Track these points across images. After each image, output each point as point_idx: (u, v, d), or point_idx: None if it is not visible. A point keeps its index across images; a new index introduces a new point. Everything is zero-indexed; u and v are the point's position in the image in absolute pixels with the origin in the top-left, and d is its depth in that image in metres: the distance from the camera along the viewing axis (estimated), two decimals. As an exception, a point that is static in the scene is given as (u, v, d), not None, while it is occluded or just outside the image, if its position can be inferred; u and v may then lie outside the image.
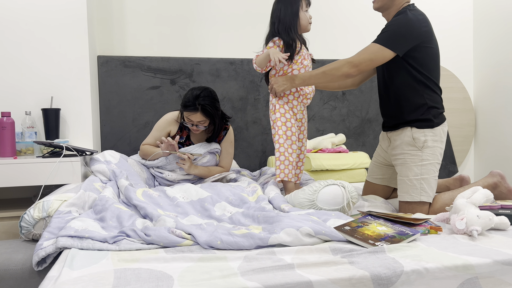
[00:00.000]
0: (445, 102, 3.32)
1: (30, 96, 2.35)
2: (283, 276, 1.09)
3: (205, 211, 1.71)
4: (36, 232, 1.61)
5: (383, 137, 2.13)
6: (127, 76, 2.78)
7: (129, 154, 2.59)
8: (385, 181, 2.17)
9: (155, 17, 2.92)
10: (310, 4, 2.06)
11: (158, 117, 2.76)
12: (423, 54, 1.87)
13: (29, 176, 1.99)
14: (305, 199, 1.78)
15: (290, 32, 1.98)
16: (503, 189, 1.96)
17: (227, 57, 2.95)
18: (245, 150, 2.96)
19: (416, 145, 1.89)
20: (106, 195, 1.72)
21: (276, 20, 2.00)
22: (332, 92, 3.08)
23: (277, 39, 1.99)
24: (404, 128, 1.94)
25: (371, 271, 1.12)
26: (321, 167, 2.66)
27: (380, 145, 2.17)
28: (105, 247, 1.33)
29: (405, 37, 1.83)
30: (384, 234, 1.39)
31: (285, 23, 1.98)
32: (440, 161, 1.92)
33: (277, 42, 1.99)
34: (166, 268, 1.17)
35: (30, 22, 2.33)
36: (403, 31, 1.83)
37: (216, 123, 2.16)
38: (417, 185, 1.88)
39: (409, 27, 1.83)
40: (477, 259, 1.20)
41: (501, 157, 3.19)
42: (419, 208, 1.88)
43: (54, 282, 1.08)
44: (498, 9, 3.18)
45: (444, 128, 1.93)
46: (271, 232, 1.39)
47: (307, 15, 2.03)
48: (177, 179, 2.20)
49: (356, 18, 3.24)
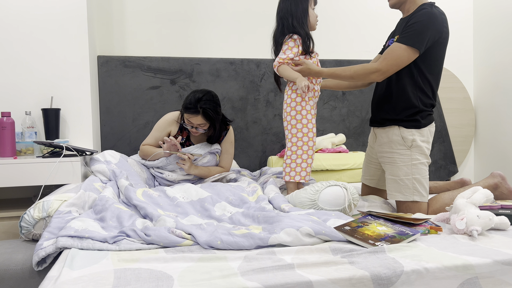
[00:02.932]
0: (445, 102, 3.33)
1: (30, 96, 2.35)
2: (283, 276, 1.09)
3: (205, 211, 1.71)
4: (36, 232, 1.61)
5: (371, 132, 2.16)
6: (127, 76, 2.78)
7: (129, 154, 2.60)
8: (374, 182, 2.18)
9: (155, 17, 2.92)
10: (316, 3, 2.06)
11: (158, 117, 2.76)
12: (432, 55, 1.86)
13: (29, 176, 1.99)
14: (307, 198, 1.78)
15: (305, 27, 1.98)
16: (504, 190, 1.96)
17: (227, 57, 2.95)
18: (245, 150, 2.96)
19: (405, 144, 1.90)
20: (106, 195, 1.72)
21: (289, 16, 1.98)
22: (332, 92, 3.08)
23: (297, 38, 1.97)
24: (391, 127, 1.95)
25: (371, 271, 1.12)
26: (321, 167, 2.66)
27: (368, 140, 2.20)
28: (105, 247, 1.33)
29: (428, 32, 1.80)
30: (384, 234, 1.39)
31: (299, 18, 1.97)
32: (429, 161, 1.93)
33: (297, 42, 1.97)
34: (166, 268, 1.17)
35: (30, 23, 2.33)
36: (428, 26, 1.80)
37: (216, 127, 2.15)
38: (409, 185, 1.88)
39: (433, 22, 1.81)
40: (477, 259, 1.20)
41: (501, 157, 3.19)
42: (416, 207, 1.88)
43: (54, 282, 1.08)
44: (498, 9, 3.18)
45: (431, 129, 1.94)
46: (271, 232, 1.39)
47: (314, 13, 2.03)
48: (177, 179, 2.20)
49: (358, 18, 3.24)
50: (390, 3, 2.00)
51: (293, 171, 2.01)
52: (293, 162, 2.01)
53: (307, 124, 1.99)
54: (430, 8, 1.84)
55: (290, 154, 2.01)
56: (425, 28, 1.80)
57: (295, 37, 1.98)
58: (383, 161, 2.00)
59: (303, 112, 1.99)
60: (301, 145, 1.99)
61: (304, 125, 1.99)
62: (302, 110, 1.99)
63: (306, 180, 2.02)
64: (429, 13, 1.82)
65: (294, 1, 1.99)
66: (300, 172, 2.00)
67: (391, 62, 1.83)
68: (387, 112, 1.96)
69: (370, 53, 3.27)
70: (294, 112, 1.99)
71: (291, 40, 1.98)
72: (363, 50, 3.27)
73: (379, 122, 2.01)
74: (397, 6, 1.99)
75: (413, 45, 1.80)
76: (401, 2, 1.96)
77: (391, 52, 1.84)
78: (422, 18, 1.81)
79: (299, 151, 2.00)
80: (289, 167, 2.01)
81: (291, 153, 2.01)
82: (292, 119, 2.00)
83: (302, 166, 2.00)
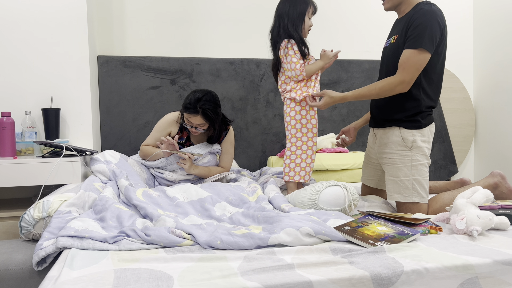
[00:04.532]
0: (445, 102, 3.33)
1: (30, 96, 2.35)
2: (283, 276, 1.09)
3: (205, 211, 1.71)
4: (36, 232, 1.61)
5: (370, 133, 2.15)
6: (127, 76, 2.78)
7: (129, 154, 2.59)
8: (374, 183, 2.18)
9: (155, 17, 2.92)
10: (315, 13, 2.06)
11: (158, 117, 2.76)
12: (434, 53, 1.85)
13: (29, 176, 1.99)
14: (307, 198, 1.79)
15: (299, 31, 1.98)
16: (504, 189, 1.96)
17: (227, 57, 2.95)
18: (245, 150, 2.96)
19: (406, 145, 1.90)
20: (106, 195, 1.72)
21: (286, 17, 1.99)
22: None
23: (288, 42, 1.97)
24: (392, 127, 1.94)
25: (371, 271, 1.12)
26: (321, 167, 2.66)
27: (368, 141, 2.20)
28: (105, 247, 1.33)
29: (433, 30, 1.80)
30: (384, 234, 1.39)
31: (294, 22, 1.98)
32: (429, 161, 1.93)
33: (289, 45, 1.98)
34: (166, 268, 1.17)
35: (30, 22, 2.33)
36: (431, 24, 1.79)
37: (215, 127, 2.15)
38: (409, 186, 1.88)
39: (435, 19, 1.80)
40: (477, 259, 1.20)
41: (501, 157, 3.19)
42: (416, 208, 1.88)
43: (54, 282, 1.08)
44: (498, 9, 3.18)
45: (431, 129, 1.94)
46: (271, 232, 1.39)
47: (310, 22, 2.03)
48: (177, 179, 2.20)
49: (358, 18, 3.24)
50: (385, 7, 2.00)
51: (292, 171, 2.01)
52: (292, 162, 2.01)
53: (306, 124, 2.00)
54: (428, 6, 1.84)
55: (289, 154, 2.02)
56: (430, 27, 1.79)
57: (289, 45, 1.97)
58: (383, 162, 2.00)
59: (302, 112, 1.99)
60: (300, 145, 2.00)
61: (303, 125, 1.99)
62: (302, 110, 1.99)
63: (305, 180, 2.02)
64: (429, 11, 1.82)
65: (293, 4, 1.99)
66: (299, 172, 2.00)
67: (411, 70, 1.81)
68: (387, 113, 1.96)
69: (370, 53, 3.27)
70: (294, 112, 2.00)
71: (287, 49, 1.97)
72: (363, 50, 3.27)
73: (379, 122, 2.01)
74: (392, 8, 1.99)
75: (424, 46, 1.79)
76: (396, 5, 1.96)
77: (406, 60, 1.82)
78: (424, 18, 1.80)
79: (298, 151, 2.00)
80: (288, 167, 2.02)
81: (290, 153, 2.02)
82: (291, 119, 2.00)
83: (301, 166, 2.00)
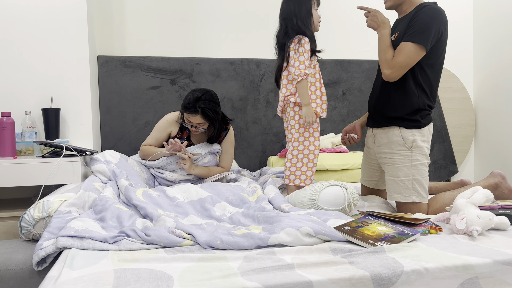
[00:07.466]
0: (445, 102, 3.33)
1: (30, 96, 2.35)
2: (283, 276, 1.09)
3: (205, 211, 1.71)
4: (36, 232, 1.61)
5: (368, 133, 2.14)
6: (127, 76, 2.78)
7: (129, 154, 2.59)
8: (373, 183, 2.18)
9: (155, 17, 2.92)
10: (319, 4, 2.05)
11: (158, 117, 2.76)
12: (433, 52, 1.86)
13: (29, 176, 1.99)
14: (307, 198, 1.79)
15: (310, 28, 1.98)
16: (504, 190, 1.96)
17: (227, 57, 2.95)
18: (245, 150, 2.96)
19: (406, 144, 1.89)
20: (106, 195, 1.72)
21: (293, 17, 1.97)
22: (332, 92, 3.08)
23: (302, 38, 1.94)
24: (392, 127, 1.94)
25: (371, 271, 1.12)
26: (321, 167, 2.66)
27: (366, 141, 2.18)
28: (105, 247, 1.33)
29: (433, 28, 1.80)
30: (384, 234, 1.39)
31: (303, 19, 1.97)
32: (429, 161, 1.93)
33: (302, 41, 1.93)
34: (166, 268, 1.17)
35: (30, 23, 2.33)
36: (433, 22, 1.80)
37: (215, 126, 2.15)
38: (409, 186, 1.88)
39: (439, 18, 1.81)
40: (477, 259, 1.20)
41: (501, 157, 3.19)
42: (416, 208, 1.88)
43: (54, 282, 1.08)
44: (498, 9, 3.18)
45: (430, 128, 1.94)
46: (271, 232, 1.39)
47: (317, 14, 2.02)
48: (177, 179, 2.20)
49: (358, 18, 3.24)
50: (386, 5, 1.99)
51: (293, 174, 2.01)
52: (293, 165, 2.01)
53: (309, 128, 1.99)
54: (433, 4, 1.85)
55: (291, 157, 2.01)
56: (431, 24, 1.80)
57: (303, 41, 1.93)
58: (382, 162, 1.99)
59: None
60: (302, 149, 1.99)
61: (306, 129, 1.99)
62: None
63: (306, 184, 2.02)
64: (434, 9, 1.83)
65: (297, 2, 1.98)
66: (300, 176, 2.01)
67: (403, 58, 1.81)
68: (386, 111, 1.96)
69: (370, 53, 3.27)
70: (298, 116, 2.00)
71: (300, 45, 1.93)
72: (363, 50, 3.27)
73: (378, 122, 2.01)
74: (394, 7, 1.99)
75: (421, 42, 1.79)
76: (398, 4, 1.96)
77: (401, 49, 1.83)
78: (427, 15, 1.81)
79: (300, 155, 2.00)
80: (289, 170, 2.02)
81: (292, 156, 2.01)
82: (296, 123, 2.00)
83: (302, 170, 2.00)
